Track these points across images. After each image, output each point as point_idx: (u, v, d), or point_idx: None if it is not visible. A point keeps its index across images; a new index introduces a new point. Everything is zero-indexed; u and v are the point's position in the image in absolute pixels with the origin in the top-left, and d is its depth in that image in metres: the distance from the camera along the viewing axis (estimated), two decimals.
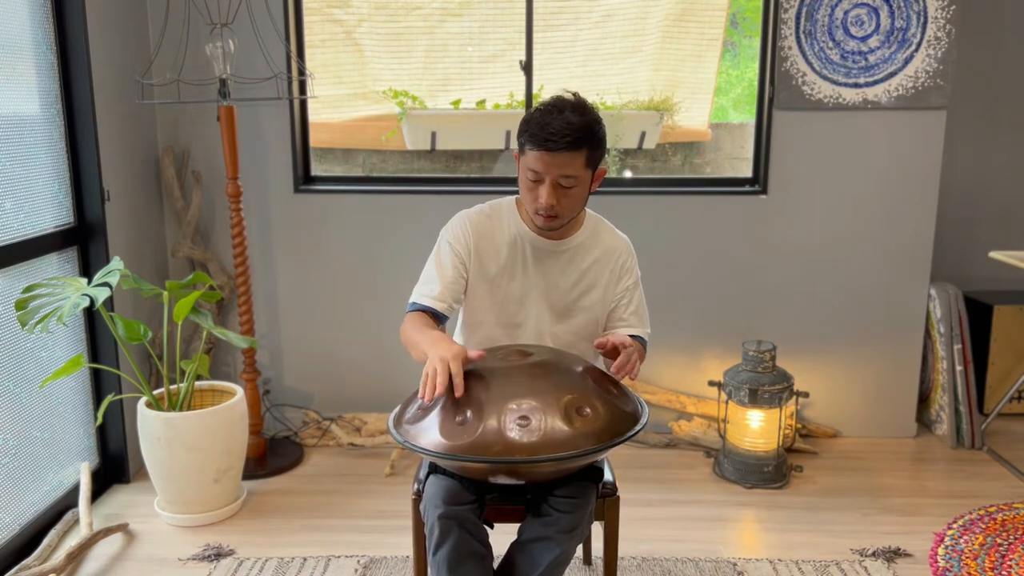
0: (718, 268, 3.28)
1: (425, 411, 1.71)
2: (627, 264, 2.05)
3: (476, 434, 1.61)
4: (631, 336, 1.96)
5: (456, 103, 3.62)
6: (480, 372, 1.74)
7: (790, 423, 3.14)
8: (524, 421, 1.61)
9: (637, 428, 1.70)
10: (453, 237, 1.99)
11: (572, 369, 1.78)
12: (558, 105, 1.83)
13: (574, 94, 1.88)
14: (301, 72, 3.15)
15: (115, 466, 2.97)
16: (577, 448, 1.60)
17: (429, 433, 1.66)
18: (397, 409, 1.83)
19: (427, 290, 1.96)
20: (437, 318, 1.94)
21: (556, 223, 1.92)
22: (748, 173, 3.33)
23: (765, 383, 2.95)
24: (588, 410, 1.66)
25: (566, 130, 1.79)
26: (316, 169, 3.41)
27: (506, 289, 2.00)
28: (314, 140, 3.41)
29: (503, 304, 2.01)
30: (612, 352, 1.81)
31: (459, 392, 1.65)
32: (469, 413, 1.64)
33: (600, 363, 2.01)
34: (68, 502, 2.73)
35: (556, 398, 1.65)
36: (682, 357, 3.35)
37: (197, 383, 2.84)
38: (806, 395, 3.09)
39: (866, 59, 3.10)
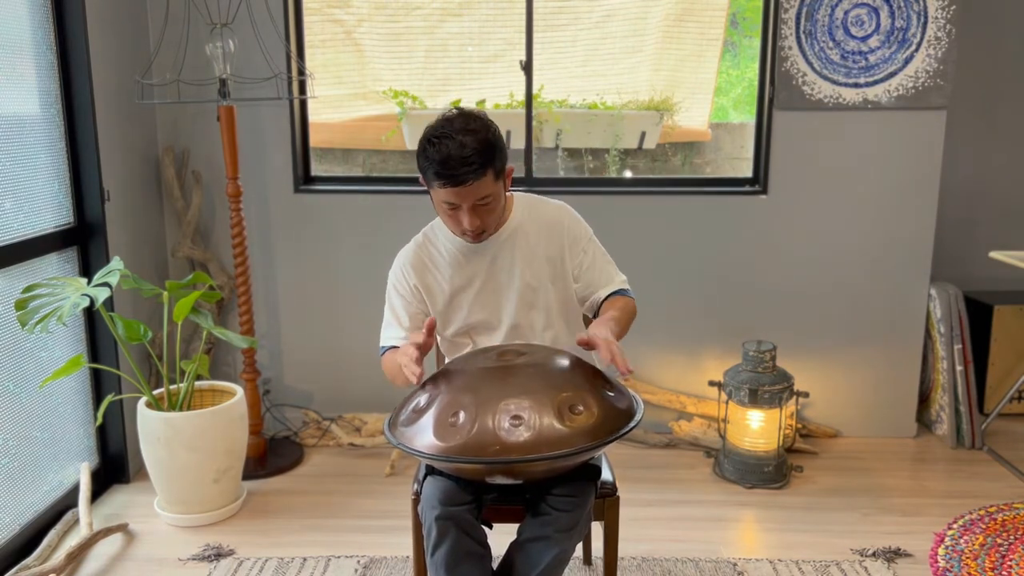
0: (718, 268, 3.28)
1: (419, 413, 1.71)
2: (573, 228, 2.04)
3: (470, 435, 1.60)
4: (612, 294, 1.99)
5: (456, 103, 3.62)
6: (473, 372, 1.74)
7: (790, 423, 3.14)
8: (517, 420, 1.61)
9: (631, 424, 1.69)
10: (396, 281, 2.04)
11: (565, 367, 1.77)
12: (446, 132, 1.79)
13: (458, 111, 1.85)
14: (301, 72, 3.15)
15: (115, 466, 2.97)
16: (571, 446, 1.60)
17: (423, 435, 1.66)
18: (392, 413, 1.84)
19: (391, 334, 2.02)
20: None
21: (485, 236, 1.94)
22: (748, 173, 3.33)
23: (765, 383, 2.95)
24: (582, 408, 1.66)
25: (468, 159, 1.76)
26: (316, 169, 3.41)
27: (468, 301, 2.01)
28: (314, 140, 3.41)
29: (470, 314, 2.02)
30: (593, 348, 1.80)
31: (426, 341, 1.74)
32: (462, 414, 1.64)
33: (596, 360, 2.01)
34: (68, 502, 2.73)
35: (549, 396, 1.65)
36: (682, 357, 3.35)
37: (197, 383, 2.84)
38: (806, 395, 3.09)
39: (866, 59, 3.10)
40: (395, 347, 1.97)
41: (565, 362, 1.79)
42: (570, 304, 2.05)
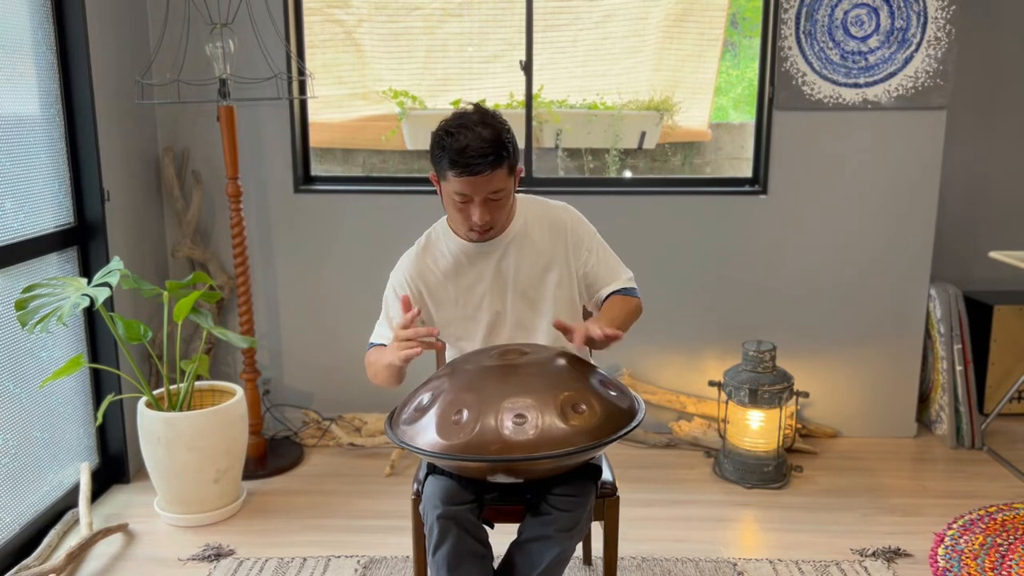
0: (718, 268, 3.28)
1: (421, 411, 1.71)
2: (577, 228, 2.04)
3: (472, 433, 1.61)
4: (617, 291, 2.00)
5: (456, 103, 3.61)
6: (476, 371, 1.75)
7: (790, 423, 3.14)
8: (520, 419, 1.61)
9: (633, 424, 1.70)
10: (397, 284, 2.04)
11: (568, 367, 1.78)
12: (464, 123, 1.80)
13: (475, 106, 1.86)
14: (301, 72, 3.15)
15: (115, 466, 2.97)
16: (574, 445, 1.60)
17: (425, 433, 1.66)
18: (394, 411, 1.84)
19: (382, 332, 2.04)
20: None
21: (492, 234, 1.94)
22: (748, 173, 3.33)
23: (765, 383, 2.95)
24: (584, 407, 1.66)
25: (485, 149, 1.77)
26: (316, 169, 3.41)
27: (473, 303, 2.01)
28: (314, 140, 3.41)
29: (474, 317, 2.01)
30: (567, 333, 1.81)
31: (433, 337, 1.76)
32: (465, 412, 1.64)
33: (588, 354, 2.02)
34: (68, 502, 2.73)
35: (552, 396, 1.65)
36: (682, 357, 3.35)
37: (197, 383, 2.84)
38: (806, 395, 3.09)
39: (866, 59, 3.10)
40: (382, 345, 1.97)
41: (568, 362, 1.80)
42: (574, 306, 2.05)
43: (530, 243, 2.00)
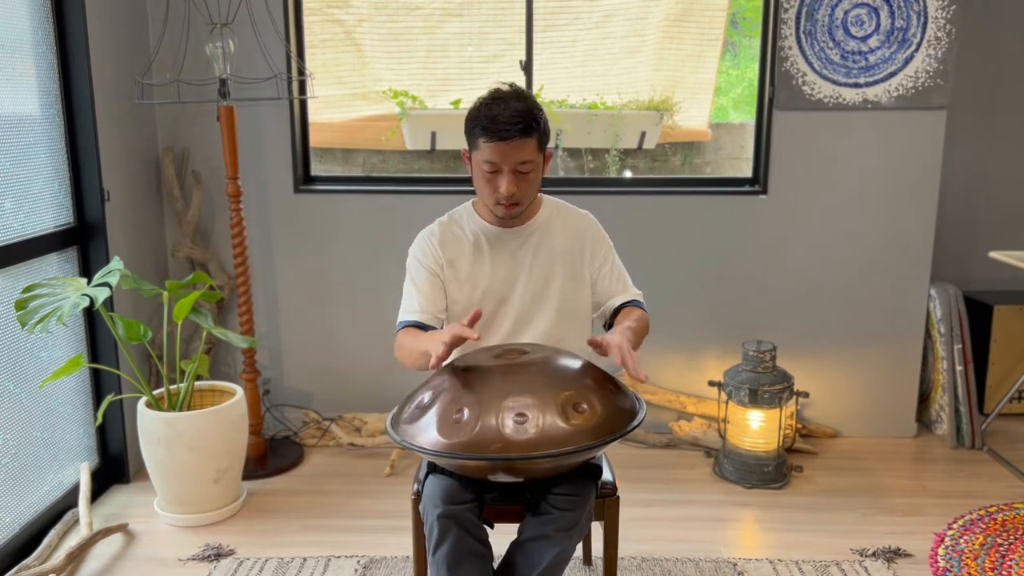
0: (718, 268, 3.28)
1: (423, 410, 1.71)
2: (596, 236, 2.08)
3: (473, 432, 1.61)
4: (626, 304, 2.03)
5: (456, 103, 3.62)
6: (477, 370, 1.75)
7: (790, 423, 3.14)
8: (521, 418, 1.61)
9: (634, 424, 1.70)
10: (420, 252, 2.04)
11: (569, 366, 1.78)
12: (499, 96, 1.89)
13: (510, 84, 1.93)
14: (301, 72, 3.15)
15: (115, 466, 2.97)
16: (574, 444, 1.60)
17: (427, 432, 1.66)
18: (395, 410, 1.84)
19: (408, 306, 2.03)
20: (423, 330, 1.96)
21: (517, 210, 1.96)
22: (748, 173, 3.33)
23: (765, 383, 2.95)
24: (585, 406, 1.66)
25: (515, 117, 1.85)
26: (316, 169, 3.41)
27: (483, 287, 2.02)
28: (314, 140, 3.41)
29: (480, 300, 2.02)
30: (605, 351, 1.81)
31: (475, 334, 1.71)
32: (466, 411, 1.64)
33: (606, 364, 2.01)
34: (68, 502, 2.73)
35: (553, 395, 1.65)
36: (682, 357, 3.35)
37: (197, 383, 2.84)
38: (806, 395, 3.09)
39: (866, 59, 3.10)
40: (415, 324, 1.97)
41: (568, 361, 1.80)
42: (580, 310, 2.06)
43: (549, 239, 2.03)
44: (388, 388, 3.30)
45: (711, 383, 3.15)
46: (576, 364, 1.80)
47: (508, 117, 1.84)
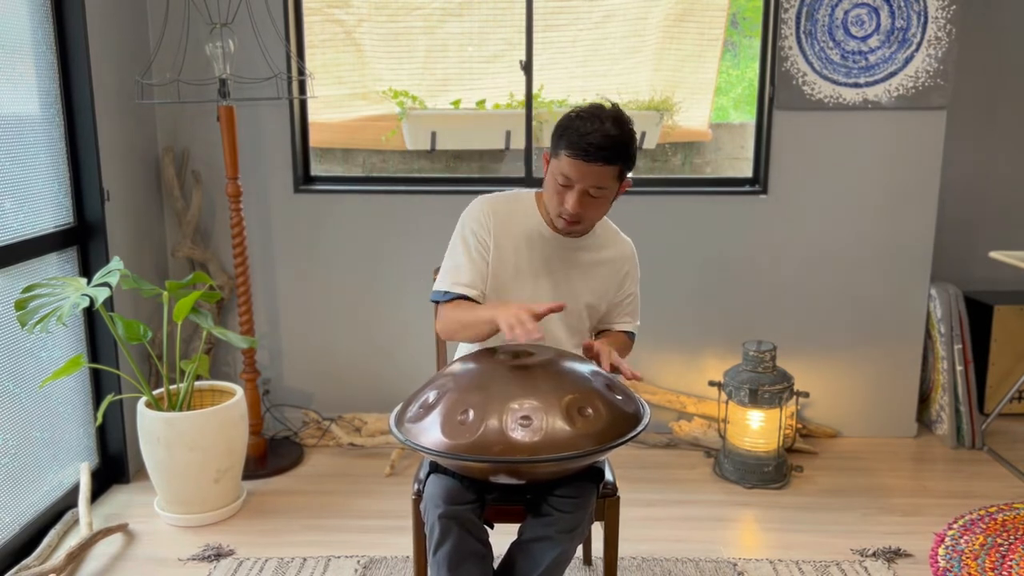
0: (718, 268, 3.28)
1: (427, 410, 1.71)
2: (632, 272, 2.09)
3: (478, 433, 1.60)
4: (624, 332, 2.09)
5: (456, 103, 3.61)
6: (483, 371, 1.74)
7: (790, 423, 3.14)
8: (526, 421, 1.61)
9: (639, 429, 1.70)
10: (475, 223, 1.98)
11: (574, 369, 1.78)
12: (598, 114, 1.82)
13: (613, 104, 1.86)
14: (301, 72, 3.15)
15: (115, 466, 2.97)
16: (578, 448, 1.60)
17: (431, 432, 1.66)
18: (398, 408, 1.83)
19: (456, 277, 1.96)
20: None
21: (577, 229, 1.94)
22: (748, 173, 3.33)
23: (765, 383, 2.95)
24: (590, 410, 1.66)
25: (605, 142, 1.79)
26: (316, 169, 3.41)
27: (510, 274, 1.99)
28: (314, 140, 3.41)
29: (507, 287, 1.99)
30: (595, 357, 1.85)
31: (540, 333, 1.67)
32: (471, 412, 1.64)
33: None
34: (68, 502, 2.73)
35: (558, 398, 1.65)
36: (682, 357, 3.35)
37: (197, 383, 2.84)
38: (806, 395, 3.09)
39: (866, 59, 3.10)
40: (463, 296, 1.93)
41: (574, 364, 1.80)
42: (588, 327, 2.08)
43: (591, 259, 2.02)
44: (388, 388, 3.30)
45: (711, 383, 3.15)
46: (582, 367, 1.79)
47: (599, 140, 1.78)
